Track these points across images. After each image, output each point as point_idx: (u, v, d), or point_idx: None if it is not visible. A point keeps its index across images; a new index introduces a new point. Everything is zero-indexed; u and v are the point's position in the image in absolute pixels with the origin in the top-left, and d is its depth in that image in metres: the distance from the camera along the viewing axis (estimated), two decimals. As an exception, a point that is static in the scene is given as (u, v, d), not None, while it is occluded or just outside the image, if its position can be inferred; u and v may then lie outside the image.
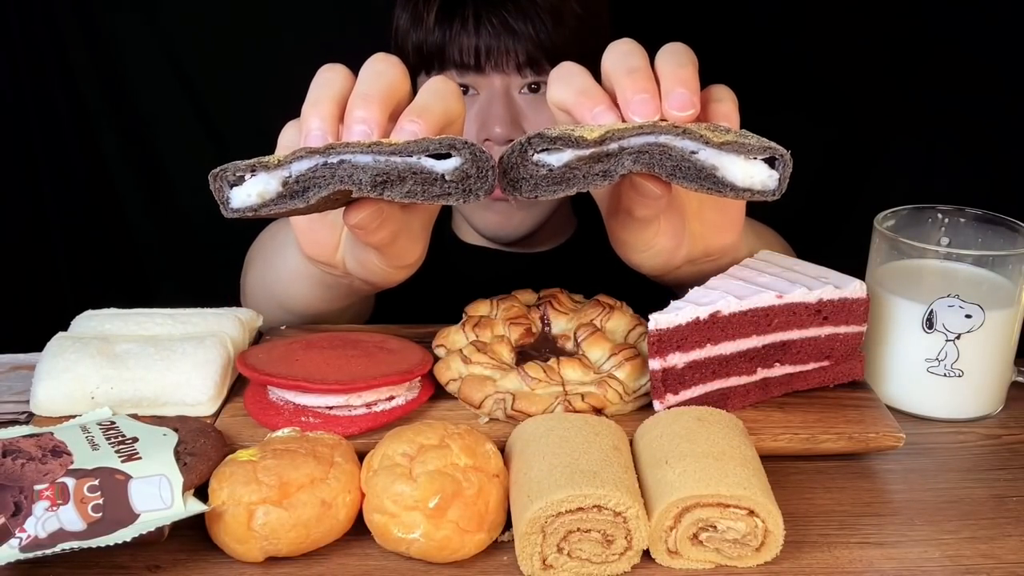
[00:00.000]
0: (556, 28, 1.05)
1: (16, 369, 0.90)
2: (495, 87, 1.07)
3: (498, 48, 1.05)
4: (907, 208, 0.90)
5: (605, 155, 0.64)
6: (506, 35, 1.05)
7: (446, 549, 0.65)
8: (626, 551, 0.65)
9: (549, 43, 1.05)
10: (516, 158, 0.65)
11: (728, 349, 0.78)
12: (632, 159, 0.64)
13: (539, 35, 1.05)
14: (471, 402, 0.79)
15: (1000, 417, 0.87)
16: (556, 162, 0.64)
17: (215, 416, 0.79)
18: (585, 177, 0.65)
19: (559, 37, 1.05)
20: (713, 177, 0.65)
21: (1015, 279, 0.84)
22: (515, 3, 1.05)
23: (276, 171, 0.65)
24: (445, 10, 1.06)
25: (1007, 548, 0.69)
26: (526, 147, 0.64)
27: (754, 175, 0.64)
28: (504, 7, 1.05)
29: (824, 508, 0.73)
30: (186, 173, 1.54)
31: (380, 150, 0.63)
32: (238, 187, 0.65)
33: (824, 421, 0.78)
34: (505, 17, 1.04)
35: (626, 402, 0.79)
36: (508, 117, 1.07)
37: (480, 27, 1.05)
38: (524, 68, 1.06)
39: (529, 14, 1.05)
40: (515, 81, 1.07)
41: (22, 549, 0.61)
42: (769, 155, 0.64)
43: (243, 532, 0.65)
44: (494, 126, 1.06)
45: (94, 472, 0.65)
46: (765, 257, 0.85)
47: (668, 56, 0.70)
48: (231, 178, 0.65)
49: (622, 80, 0.68)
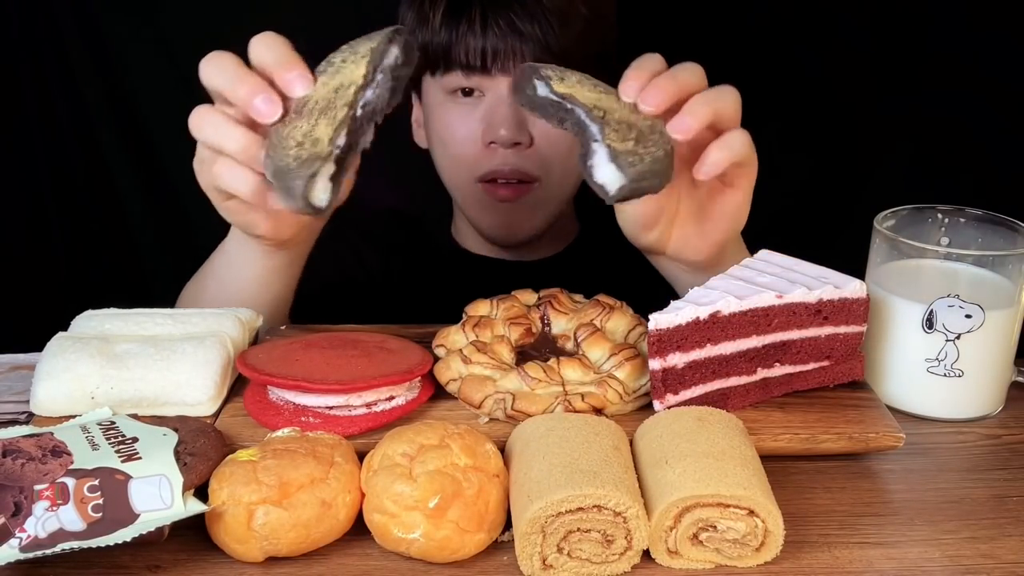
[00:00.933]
0: (563, 30, 1.05)
1: (16, 369, 0.90)
2: (501, 90, 1.07)
3: (505, 50, 1.05)
4: (907, 208, 0.90)
5: (564, 108, 0.79)
6: (513, 37, 1.04)
7: (446, 549, 0.65)
8: (626, 551, 0.65)
9: (556, 45, 1.05)
10: (524, 74, 0.81)
11: (728, 349, 0.78)
12: (560, 119, 0.79)
13: (546, 37, 1.04)
14: (471, 402, 0.79)
15: (1000, 417, 0.87)
16: (542, 92, 0.80)
17: (215, 416, 0.79)
18: (552, 114, 0.80)
19: (565, 39, 1.05)
20: (585, 156, 0.77)
21: (1015, 279, 0.84)
22: (522, 5, 1.05)
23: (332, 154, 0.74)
24: (452, 11, 1.06)
25: (1007, 548, 0.69)
26: (533, 71, 0.80)
27: (607, 180, 0.77)
28: (511, 8, 1.05)
29: (824, 508, 0.73)
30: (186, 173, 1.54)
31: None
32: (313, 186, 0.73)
33: (824, 421, 0.78)
34: (512, 19, 1.04)
35: (626, 402, 0.79)
36: (514, 120, 1.06)
37: (487, 28, 1.05)
38: None
39: (536, 16, 1.04)
40: None
41: (22, 549, 0.61)
42: (626, 196, 0.77)
43: (243, 532, 0.65)
44: (499, 128, 1.06)
45: (94, 472, 0.65)
46: (765, 257, 0.85)
47: (688, 75, 0.80)
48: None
49: (655, 79, 0.78)
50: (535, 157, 1.10)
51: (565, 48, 1.05)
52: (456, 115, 1.11)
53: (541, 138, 1.09)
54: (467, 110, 1.10)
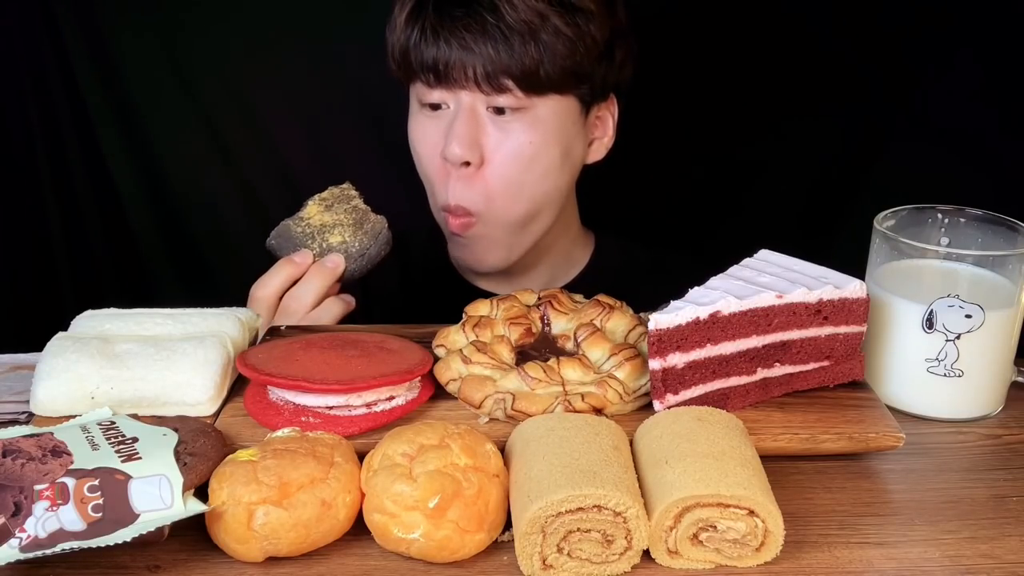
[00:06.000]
0: (525, 48, 1.01)
1: (16, 369, 0.90)
2: (462, 102, 1.04)
3: (455, 62, 1.02)
4: (907, 208, 0.90)
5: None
6: (461, 51, 1.01)
7: (446, 549, 0.65)
8: (626, 551, 0.65)
9: (514, 64, 1.01)
10: None
11: (728, 349, 0.78)
12: None
13: (499, 54, 1.01)
14: (471, 402, 0.79)
15: (1000, 417, 0.87)
16: None
17: (215, 416, 0.79)
18: None
19: (527, 57, 1.01)
20: None
21: (1015, 279, 0.84)
22: (476, 19, 1.01)
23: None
24: (411, 15, 1.05)
25: (1007, 548, 0.69)
26: None
27: None
28: (462, 21, 1.01)
29: (824, 508, 0.73)
30: (186, 173, 1.54)
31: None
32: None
33: (824, 421, 0.78)
34: (462, 33, 1.01)
35: (626, 402, 0.79)
36: (468, 138, 1.03)
37: (438, 38, 1.02)
38: (483, 84, 1.02)
39: (490, 33, 1.00)
40: (480, 98, 1.04)
41: (22, 549, 0.61)
42: None
43: (243, 532, 0.65)
44: (451, 143, 1.03)
45: (94, 472, 0.65)
46: (765, 257, 0.85)
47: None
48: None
49: None
50: (479, 186, 1.06)
51: (526, 67, 1.01)
52: (422, 128, 1.09)
53: (495, 157, 1.05)
54: (433, 123, 1.07)
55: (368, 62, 1.25)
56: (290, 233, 1.04)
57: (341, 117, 1.51)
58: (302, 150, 1.54)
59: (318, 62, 1.49)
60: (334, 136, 1.52)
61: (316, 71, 1.49)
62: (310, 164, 1.53)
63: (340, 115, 1.51)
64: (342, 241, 1.03)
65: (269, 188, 1.54)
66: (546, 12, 1.01)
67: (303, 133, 1.53)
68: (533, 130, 1.05)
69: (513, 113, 1.04)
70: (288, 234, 1.04)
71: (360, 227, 1.04)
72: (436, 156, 1.07)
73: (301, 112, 1.51)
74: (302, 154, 1.54)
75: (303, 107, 1.51)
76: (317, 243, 1.03)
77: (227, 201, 1.55)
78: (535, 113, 1.05)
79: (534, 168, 1.06)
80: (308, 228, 1.04)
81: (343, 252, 1.03)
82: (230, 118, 1.51)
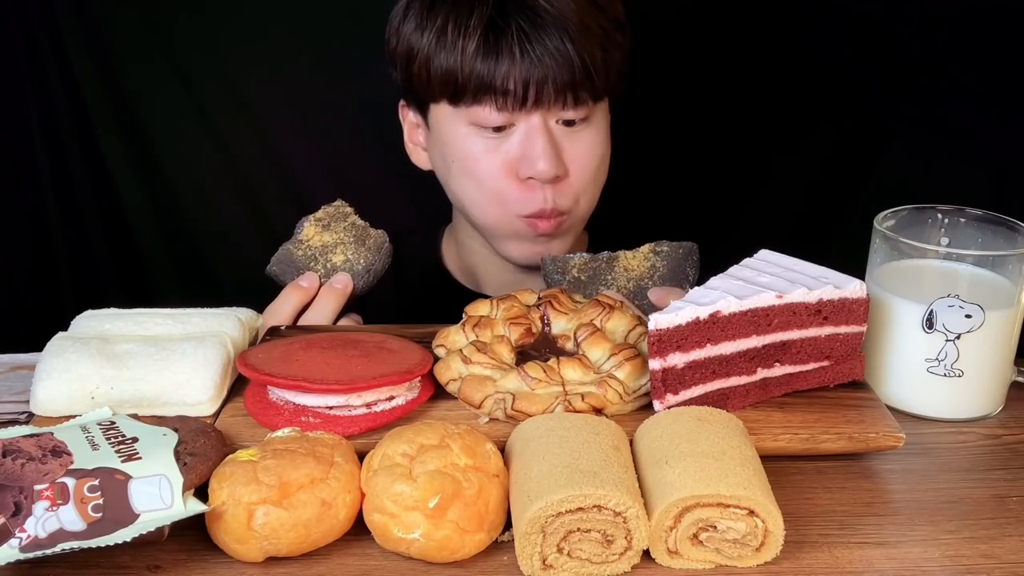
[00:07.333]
0: (592, 60, 1.02)
1: (16, 369, 0.90)
2: (533, 121, 1.04)
3: (544, 77, 1.01)
4: (907, 208, 0.90)
5: None
6: (549, 59, 1.01)
7: (446, 549, 0.65)
8: (626, 551, 0.65)
9: (584, 77, 1.02)
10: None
11: (728, 349, 0.78)
12: None
13: (572, 71, 1.01)
14: (471, 402, 0.79)
15: (1000, 417, 0.87)
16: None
17: (215, 416, 0.79)
18: None
19: (597, 70, 1.03)
20: None
21: (1015, 279, 0.84)
22: (558, 24, 1.01)
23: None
24: (490, 40, 1.01)
25: (1007, 548, 0.69)
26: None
27: None
28: (545, 30, 1.01)
29: (824, 508, 0.73)
30: (186, 173, 1.55)
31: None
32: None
33: (824, 421, 0.78)
34: (545, 41, 1.00)
35: (626, 402, 0.79)
36: (553, 156, 1.04)
37: (525, 54, 1.00)
38: (568, 94, 1.02)
39: (576, 40, 1.01)
40: (552, 114, 1.04)
41: (22, 549, 0.61)
42: None
43: (243, 532, 0.65)
44: (538, 163, 1.03)
45: (94, 472, 0.65)
46: (765, 257, 0.85)
47: None
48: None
49: None
50: (568, 191, 1.08)
51: (596, 80, 1.03)
52: (481, 148, 1.06)
53: (575, 166, 1.07)
54: (493, 143, 1.06)
55: (368, 61, 1.25)
56: (291, 258, 1.03)
57: (341, 116, 1.52)
58: (302, 149, 1.54)
59: (318, 61, 1.49)
60: (334, 135, 1.52)
61: (316, 70, 1.49)
62: (310, 163, 1.54)
63: (340, 114, 1.52)
64: (346, 260, 1.03)
65: (269, 188, 1.54)
66: (607, 27, 1.05)
67: (303, 132, 1.53)
68: (597, 132, 1.09)
69: (581, 122, 1.06)
70: (290, 259, 1.03)
71: (362, 243, 1.04)
72: (506, 175, 1.06)
73: (301, 111, 1.51)
74: (302, 153, 1.54)
75: (303, 106, 1.51)
76: (321, 264, 1.03)
77: (227, 201, 1.55)
78: (596, 116, 1.09)
79: (603, 165, 1.12)
80: (309, 250, 1.03)
81: (348, 271, 1.02)
82: (230, 118, 1.52)
